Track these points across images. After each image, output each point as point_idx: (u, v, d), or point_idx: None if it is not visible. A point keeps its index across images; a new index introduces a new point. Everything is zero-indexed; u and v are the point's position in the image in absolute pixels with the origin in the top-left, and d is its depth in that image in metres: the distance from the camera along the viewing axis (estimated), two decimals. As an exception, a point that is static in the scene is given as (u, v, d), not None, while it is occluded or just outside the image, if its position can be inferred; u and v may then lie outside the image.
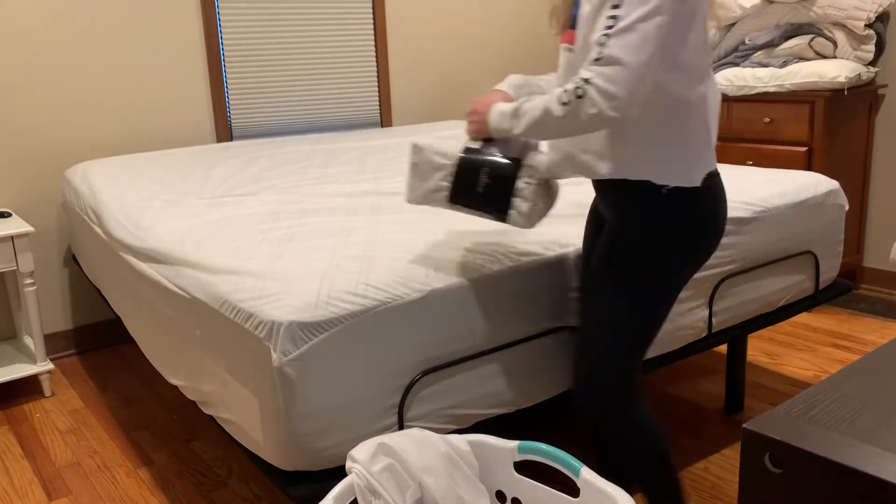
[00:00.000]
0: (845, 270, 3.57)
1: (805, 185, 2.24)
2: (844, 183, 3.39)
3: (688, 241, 1.45)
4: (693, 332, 2.00)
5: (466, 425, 1.62)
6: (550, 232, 1.81)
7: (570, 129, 1.35)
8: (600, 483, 1.25)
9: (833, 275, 2.38)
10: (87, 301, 3.32)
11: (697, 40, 1.37)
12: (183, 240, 1.92)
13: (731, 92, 3.48)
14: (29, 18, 3.03)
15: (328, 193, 2.39)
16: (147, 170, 2.81)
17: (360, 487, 1.27)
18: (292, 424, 1.41)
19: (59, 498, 2.20)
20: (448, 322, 1.54)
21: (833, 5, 3.28)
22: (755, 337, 3.14)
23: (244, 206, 2.24)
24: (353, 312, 1.43)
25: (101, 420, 2.68)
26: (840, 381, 0.77)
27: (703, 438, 2.37)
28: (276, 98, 3.67)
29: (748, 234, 2.05)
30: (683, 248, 1.46)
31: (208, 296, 1.61)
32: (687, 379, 2.79)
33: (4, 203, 3.09)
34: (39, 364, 2.85)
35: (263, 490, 2.19)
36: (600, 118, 1.29)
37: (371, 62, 3.92)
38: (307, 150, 3.15)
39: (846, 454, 0.64)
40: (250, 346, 1.45)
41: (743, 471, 0.71)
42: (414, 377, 1.51)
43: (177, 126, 3.43)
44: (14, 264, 2.73)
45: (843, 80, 3.17)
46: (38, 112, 3.10)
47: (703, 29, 1.38)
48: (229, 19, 3.48)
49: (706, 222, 1.46)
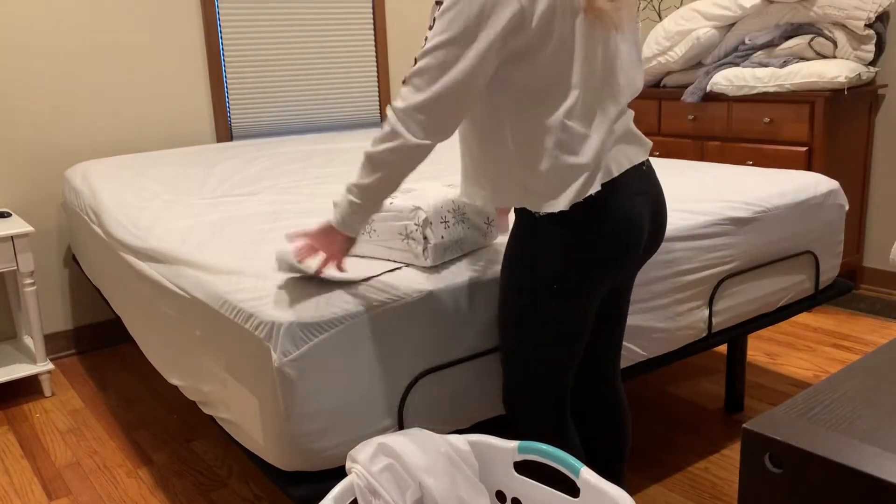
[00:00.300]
0: (845, 270, 3.57)
1: (805, 185, 2.24)
2: (844, 183, 3.39)
3: (567, 264, 1.38)
4: (693, 332, 2.00)
5: (466, 425, 1.62)
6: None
7: (382, 165, 1.32)
8: (600, 483, 1.25)
9: (833, 275, 2.38)
10: (87, 301, 3.32)
11: (550, 65, 1.29)
12: (183, 240, 1.92)
13: (731, 92, 3.48)
14: (29, 18, 3.03)
15: (328, 193, 2.39)
16: (147, 170, 2.81)
17: (360, 487, 1.27)
18: (292, 425, 1.41)
19: (59, 498, 2.20)
20: (448, 322, 1.54)
21: (833, 5, 3.28)
22: (755, 337, 3.14)
23: (244, 206, 2.24)
24: (353, 313, 1.43)
25: (101, 420, 2.68)
26: (840, 381, 0.77)
27: (703, 438, 2.37)
28: (276, 98, 3.67)
29: (748, 234, 2.06)
30: (563, 271, 1.38)
31: (208, 296, 1.61)
32: (687, 379, 2.79)
33: (4, 203, 3.09)
34: (39, 364, 2.85)
35: (263, 490, 2.19)
36: (404, 152, 1.30)
37: (371, 62, 3.92)
38: (307, 150, 3.15)
39: (846, 454, 0.64)
40: (250, 346, 1.45)
41: (743, 471, 0.71)
42: (414, 377, 1.51)
43: (177, 126, 3.43)
44: (14, 264, 2.73)
45: (843, 80, 3.17)
46: (38, 112, 3.10)
47: (560, 49, 1.29)
48: (229, 19, 3.48)
49: (584, 244, 1.37)
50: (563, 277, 1.38)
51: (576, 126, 1.34)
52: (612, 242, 1.38)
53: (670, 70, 3.85)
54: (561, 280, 1.38)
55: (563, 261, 1.37)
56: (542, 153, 1.34)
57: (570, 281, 1.38)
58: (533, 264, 1.40)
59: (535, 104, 1.33)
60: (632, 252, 1.42)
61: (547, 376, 1.48)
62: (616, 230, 1.38)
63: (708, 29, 3.66)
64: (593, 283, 1.40)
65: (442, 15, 1.26)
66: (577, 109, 1.33)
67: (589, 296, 1.42)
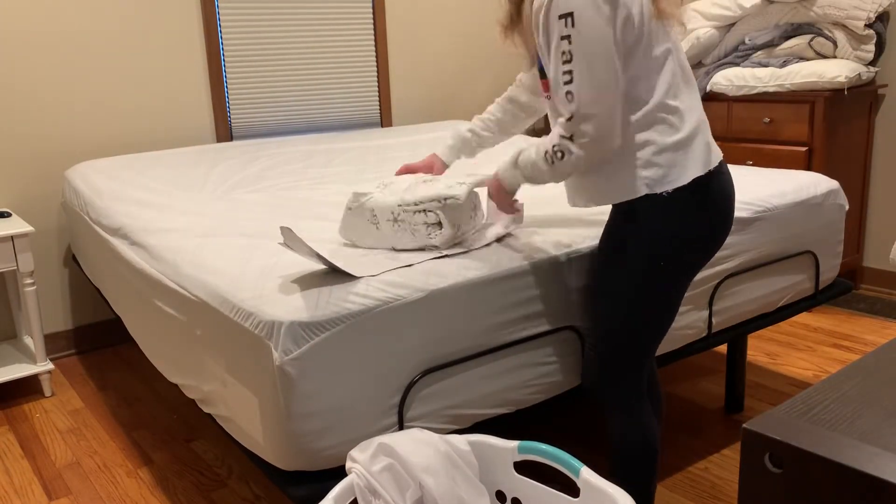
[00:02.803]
0: (845, 270, 3.57)
1: (805, 185, 2.24)
2: (844, 183, 3.39)
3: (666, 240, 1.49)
4: (693, 332, 2.00)
5: (466, 425, 1.62)
6: (551, 233, 1.81)
7: (562, 178, 1.49)
8: (600, 483, 1.25)
9: (833, 275, 2.38)
10: (87, 301, 3.32)
11: (638, 56, 1.42)
12: (183, 239, 1.92)
13: (731, 92, 3.48)
14: (29, 18, 3.03)
15: (328, 193, 2.39)
16: (147, 170, 2.81)
17: (360, 487, 1.27)
18: (292, 424, 1.41)
19: (59, 498, 2.20)
20: (448, 322, 1.54)
21: (833, 5, 3.27)
22: (755, 337, 3.14)
23: (244, 206, 2.24)
24: (354, 312, 1.43)
25: (101, 420, 2.68)
26: (840, 381, 0.77)
27: (703, 438, 2.37)
28: (276, 98, 3.67)
29: (748, 234, 2.06)
30: (670, 247, 1.49)
31: (209, 295, 1.61)
32: (687, 379, 2.79)
33: (4, 203, 3.09)
34: (39, 364, 2.85)
35: (263, 490, 2.19)
36: (586, 164, 1.44)
37: (371, 62, 3.92)
38: (307, 150, 3.15)
39: (846, 454, 0.64)
40: (251, 345, 1.45)
41: (743, 471, 0.71)
42: (414, 377, 1.51)
43: (177, 126, 3.43)
44: (14, 264, 2.73)
45: (843, 79, 3.17)
46: (38, 112, 3.10)
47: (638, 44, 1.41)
48: (229, 19, 3.48)
49: (675, 223, 1.49)
50: (672, 256, 1.48)
51: (661, 109, 1.46)
52: (717, 220, 1.51)
53: (670, 70, 3.84)
54: (670, 257, 1.48)
55: (672, 240, 1.47)
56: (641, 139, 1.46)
57: (678, 259, 1.49)
58: (639, 244, 1.48)
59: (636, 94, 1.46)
60: (728, 229, 1.55)
61: (641, 351, 1.57)
62: (720, 208, 1.51)
63: (708, 29, 3.66)
64: (697, 260, 1.53)
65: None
66: (661, 90, 1.46)
67: (690, 273, 1.54)
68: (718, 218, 1.51)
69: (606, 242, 1.56)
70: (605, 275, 1.55)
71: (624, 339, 1.55)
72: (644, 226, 1.48)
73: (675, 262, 1.50)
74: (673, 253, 1.48)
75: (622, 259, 1.51)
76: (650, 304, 1.52)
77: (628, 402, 1.60)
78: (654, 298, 1.52)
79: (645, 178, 1.45)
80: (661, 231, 1.47)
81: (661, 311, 1.54)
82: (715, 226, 1.51)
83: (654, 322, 1.55)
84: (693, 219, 1.48)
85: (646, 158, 1.45)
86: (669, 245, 1.48)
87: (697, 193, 1.47)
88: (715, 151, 1.51)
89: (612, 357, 1.58)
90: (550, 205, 2.08)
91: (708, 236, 1.51)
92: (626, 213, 1.50)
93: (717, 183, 1.49)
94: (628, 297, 1.52)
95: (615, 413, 1.61)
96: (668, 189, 1.45)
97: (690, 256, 1.51)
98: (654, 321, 1.55)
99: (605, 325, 1.57)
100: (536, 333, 1.68)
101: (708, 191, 1.48)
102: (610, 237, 1.55)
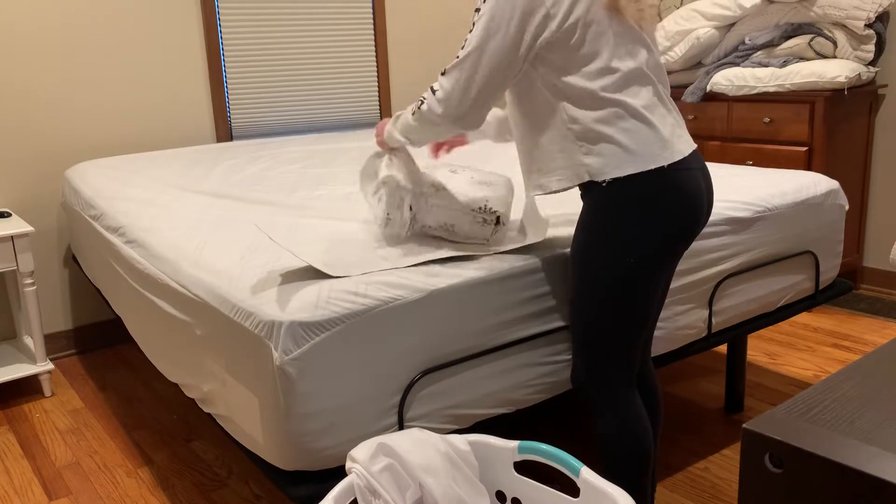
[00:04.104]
0: (845, 270, 3.57)
1: (805, 185, 2.24)
2: (844, 183, 3.39)
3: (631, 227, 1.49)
4: (693, 332, 2.00)
5: (466, 425, 1.62)
6: (551, 233, 1.81)
7: (423, 133, 1.57)
8: (600, 483, 1.25)
9: (833, 275, 2.38)
10: (87, 301, 3.32)
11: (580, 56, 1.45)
12: (183, 239, 1.92)
13: (731, 92, 3.48)
14: (29, 18, 3.03)
15: (328, 193, 2.39)
16: (147, 169, 2.81)
17: (360, 487, 1.27)
18: (292, 424, 1.41)
19: (59, 498, 2.20)
20: (448, 322, 1.54)
21: (833, 5, 3.27)
22: (755, 337, 3.14)
23: (245, 206, 2.24)
24: (354, 312, 1.43)
25: (100, 420, 2.68)
26: (840, 381, 0.77)
27: (703, 438, 2.37)
28: (276, 98, 3.67)
29: (748, 234, 2.05)
30: (631, 234, 1.50)
31: (209, 295, 1.61)
32: (687, 379, 2.79)
33: (4, 203, 3.09)
34: (39, 364, 2.85)
35: (263, 490, 2.19)
36: (441, 121, 1.51)
37: (371, 62, 3.92)
38: (307, 150, 3.15)
39: (846, 454, 0.64)
40: (251, 345, 1.45)
41: (743, 471, 0.71)
42: (414, 377, 1.51)
43: (177, 126, 3.43)
44: (14, 264, 2.74)
45: (843, 79, 3.17)
46: (38, 112, 3.10)
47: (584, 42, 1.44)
48: (229, 19, 3.48)
49: (644, 208, 1.49)
50: (640, 248, 1.48)
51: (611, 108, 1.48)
52: (679, 217, 1.49)
53: (670, 70, 3.85)
54: (638, 250, 1.48)
55: (640, 232, 1.47)
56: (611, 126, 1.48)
57: (648, 251, 1.48)
58: (608, 237, 1.49)
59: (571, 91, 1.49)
60: (695, 227, 1.53)
61: (619, 346, 1.56)
62: (683, 205, 1.49)
63: (708, 29, 3.66)
64: (667, 253, 1.51)
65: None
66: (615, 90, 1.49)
67: (656, 269, 1.52)
68: (680, 214, 1.49)
69: (574, 238, 1.58)
70: (574, 271, 1.56)
71: (596, 334, 1.55)
72: (598, 221, 1.49)
73: (635, 258, 1.49)
74: (629, 249, 1.48)
75: (585, 255, 1.52)
76: (617, 300, 1.52)
77: (613, 399, 1.59)
78: (618, 294, 1.51)
79: (586, 165, 1.47)
80: (618, 227, 1.48)
81: (630, 306, 1.52)
82: (678, 222, 1.49)
83: (624, 317, 1.53)
84: (645, 216, 1.47)
85: (588, 147, 1.47)
86: (630, 243, 1.48)
87: (654, 188, 1.46)
88: (678, 148, 1.49)
89: (591, 352, 1.57)
90: (550, 205, 2.08)
91: (671, 233, 1.49)
92: (589, 207, 1.52)
93: (677, 179, 1.47)
94: (597, 295, 1.52)
95: (600, 410, 1.60)
96: (608, 178, 1.45)
97: (650, 251, 1.49)
98: (624, 316, 1.53)
99: (582, 320, 1.57)
100: (536, 333, 1.68)
101: (666, 186, 1.47)
102: (575, 233, 1.57)
